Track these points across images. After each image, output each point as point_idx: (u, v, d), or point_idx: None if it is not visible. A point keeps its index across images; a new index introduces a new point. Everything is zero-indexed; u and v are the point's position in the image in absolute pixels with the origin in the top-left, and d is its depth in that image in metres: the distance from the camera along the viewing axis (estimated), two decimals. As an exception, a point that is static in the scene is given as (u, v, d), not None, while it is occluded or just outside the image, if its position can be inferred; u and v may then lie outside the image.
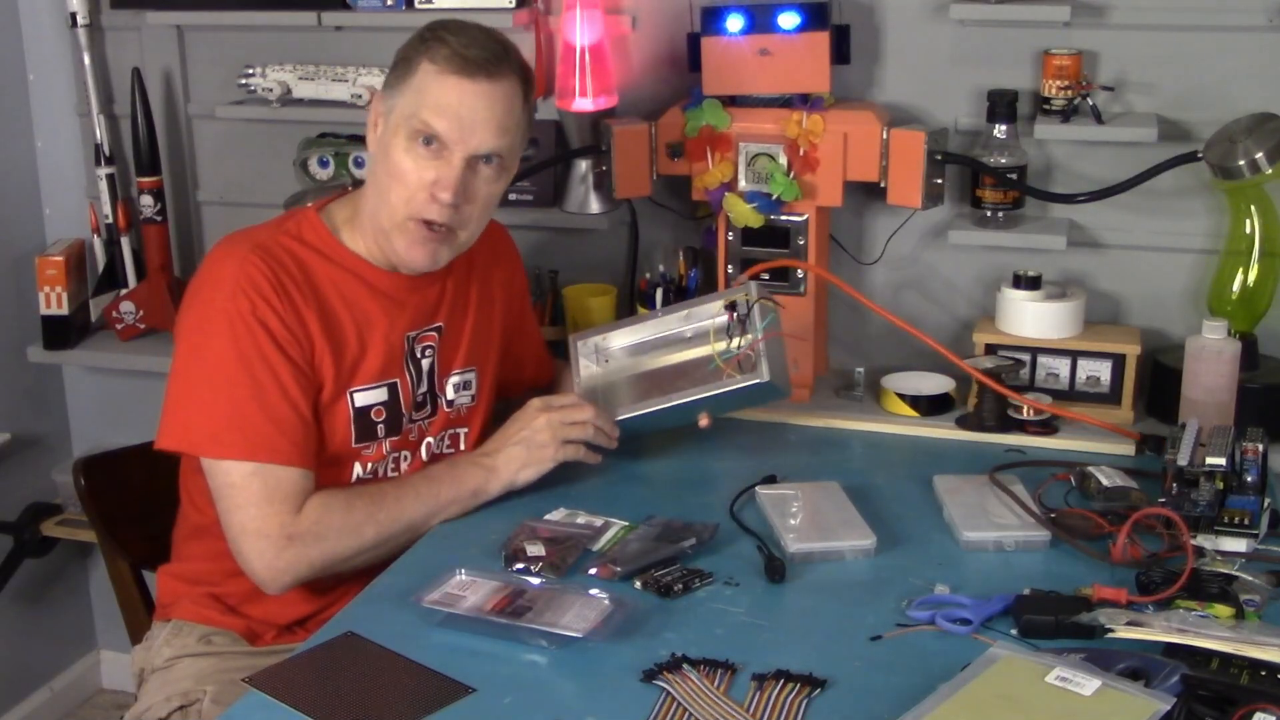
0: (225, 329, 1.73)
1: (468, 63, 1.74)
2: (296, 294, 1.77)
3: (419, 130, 1.75)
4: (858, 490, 1.90)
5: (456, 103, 1.74)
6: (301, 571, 1.76)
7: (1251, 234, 2.13)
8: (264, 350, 1.74)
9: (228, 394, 1.73)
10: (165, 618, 1.93)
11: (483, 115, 1.75)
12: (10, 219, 2.83)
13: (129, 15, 2.67)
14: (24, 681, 3.00)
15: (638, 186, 2.31)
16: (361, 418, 1.84)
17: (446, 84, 1.74)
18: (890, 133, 2.17)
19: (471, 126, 1.75)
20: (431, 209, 1.77)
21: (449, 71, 1.74)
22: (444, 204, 1.77)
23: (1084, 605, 1.54)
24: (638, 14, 2.38)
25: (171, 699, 1.82)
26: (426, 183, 1.76)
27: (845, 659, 1.50)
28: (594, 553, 1.75)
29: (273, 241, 1.80)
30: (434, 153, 1.75)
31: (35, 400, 2.93)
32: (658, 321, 2.07)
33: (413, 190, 1.77)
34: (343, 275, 1.83)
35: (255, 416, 1.73)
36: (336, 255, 1.84)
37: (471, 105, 1.75)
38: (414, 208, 1.77)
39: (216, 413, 1.74)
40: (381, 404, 1.86)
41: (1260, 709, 1.31)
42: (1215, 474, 1.74)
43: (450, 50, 1.74)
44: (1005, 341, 2.17)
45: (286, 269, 1.78)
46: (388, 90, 1.81)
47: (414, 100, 1.75)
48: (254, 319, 1.73)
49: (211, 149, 2.74)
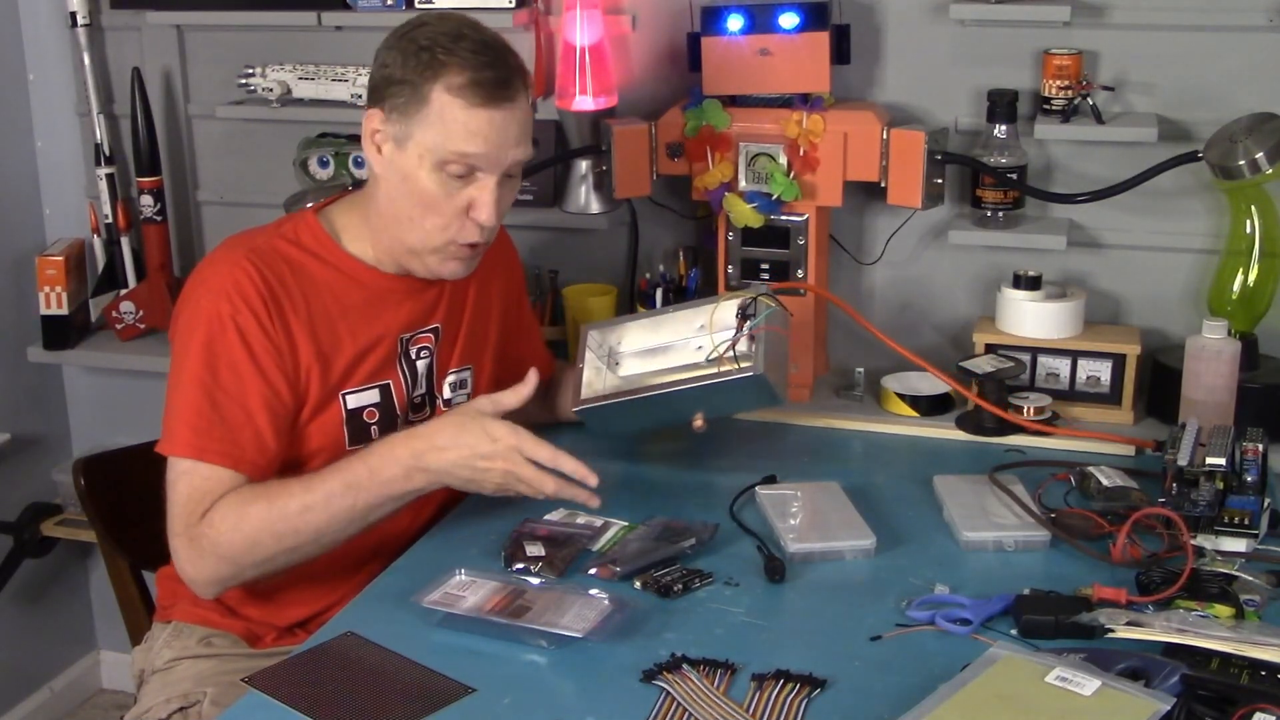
0: (203, 331, 1.73)
1: (488, 88, 1.71)
2: (286, 302, 1.76)
3: (450, 161, 1.73)
4: (858, 490, 1.90)
5: (488, 129, 1.72)
6: (221, 573, 1.71)
7: (1251, 234, 2.13)
8: (233, 354, 1.72)
9: (187, 393, 1.72)
10: (165, 619, 1.93)
11: (514, 135, 1.74)
12: (10, 219, 2.84)
13: (129, 15, 2.67)
14: (24, 681, 3.00)
15: (638, 186, 2.31)
16: (354, 419, 1.83)
17: (475, 116, 1.71)
18: (890, 133, 2.17)
19: (503, 149, 1.74)
20: (471, 232, 1.77)
21: (474, 104, 1.70)
22: (486, 226, 1.77)
23: (1084, 605, 1.54)
24: (638, 14, 2.38)
25: (171, 700, 1.82)
26: (460, 209, 1.75)
27: (845, 659, 1.50)
28: (594, 553, 1.75)
29: (268, 246, 1.79)
30: (466, 179, 1.75)
31: (35, 400, 2.93)
32: (673, 324, 2.04)
33: (449, 218, 1.76)
34: (339, 278, 1.82)
35: (206, 414, 1.71)
36: (334, 258, 1.83)
37: (502, 129, 1.73)
38: (451, 233, 1.77)
39: (175, 411, 1.73)
40: (374, 405, 1.85)
41: (1260, 709, 1.31)
42: (1215, 474, 1.74)
43: (466, 78, 1.70)
44: (1005, 341, 2.17)
45: (279, 274, 1.77)
46: (395, 115, 1.74)
47: (439, 133, 1.71)
48: (231, 322, 1.72)
49: (211, 149, 2.74)
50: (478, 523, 1.85)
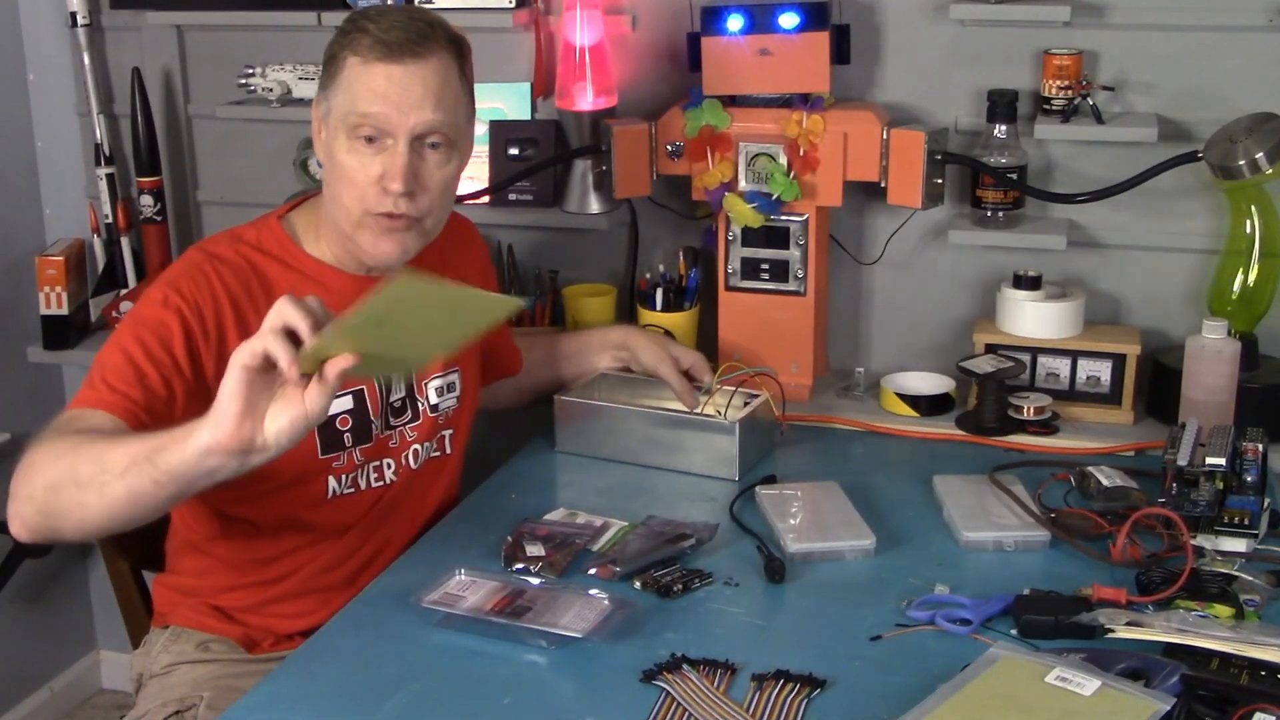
0: (142, 309, 1.69)
1: (391, 47, 1.68)
2: (250, 310, 1.71)
3: (356, 125, 1.70)
4: (858, 490, 1.90)
5: (385, 87, 1.68)
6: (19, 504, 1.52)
7: (1251, 234, 2.13)
8: (167, 331, 1.66)
9: (103, 358, 1.67)
10: (163, 624, 1.92)
11: (416, 94, 1.69)
12: (10, 219, 2.83)
13: (129, 15, 2.67)
14: (24, 681, 3.00)
15: (638, 186, 2.31)
16: (326, 428, 1.78)
17: (374, 72, 1.68)
18: (890, 133, 2.17)
19: (405, 108, 1.69)
20: (385, 202, 1.72)
21: (374, 59, 1.68)
22: (396, 194, 1.71)
23: (1084, 605, 1.54)
24: (638, 14, 2.38)
25: (168, 704, 1.81)
26: (374, 178, 1.71)
27: (845, 659, 1.50)
28: (593, 553, 1.75)
29: (233, 252, 1.76)
30: (377, 147, 1.71)
31: (35, 400, 2.92)
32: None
33: (362, 188, 1.72)
34: (302, 282, 1.77)
35: (109, 375, 1.63)
36: (297, 262, 1.79)
37: (403, 87, 1.69)
38: (367, 204, 1.72)
39: (87, 376, 1.67)
40: (346, 412, 1.80)
41: (1260, 709, 1.31)
42: (1215, 474, 1.74)
43: (371, 39, 1.69)
44: (1005, 341, 2.17)
45: (244, 280, 1.73)
46: (322, 92, 1.75)
47: (346, 97, 1.71)
48: (175, 309, 1.67)
49: (211, 149, 2.74)
50: (478, 523, 1.85)
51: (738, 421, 1.97)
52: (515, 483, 2.00)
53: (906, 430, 2.15)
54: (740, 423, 1.97)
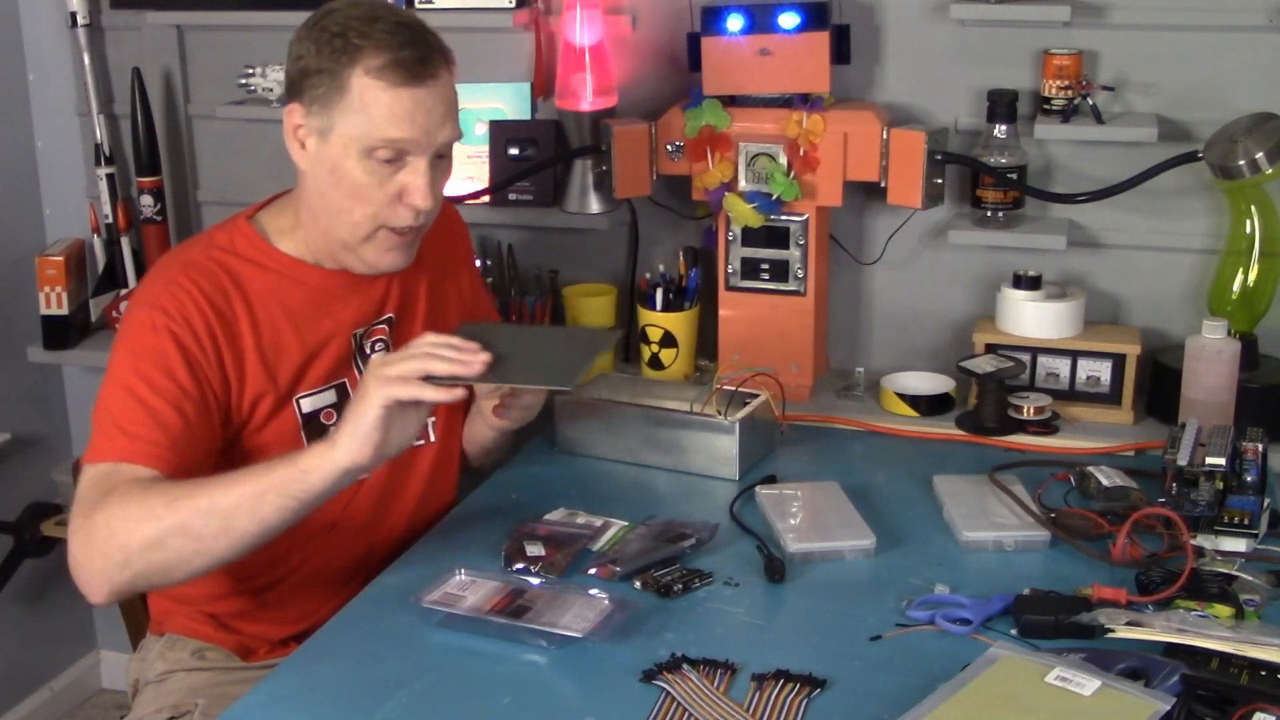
0: (133, 340, 1.67)
1: (409, 67, 1.65)
2: (229, 313, 1.70)
3: (377, 148, 1.67)
4: (858, 490, 1.90)
5: (413, 110, 1.66)
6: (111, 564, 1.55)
7: (1251, 234, 2.13)
8: (167, 359, 1.65)
9: (109, 402, 1.65)
10: (159, 631, 1.91)
11: (440, 114, 1.68)
12: (10, 219, 2.84)
13: (129, 15, 2.67)
14: (24, 681, 3.00)
15: (638, 186, 2.31)
16: (310, 423, 1.77)
17: (399, 96, 1.64)
18: (890, 133, 2.17)
19: (431, 130, 1.68)
20: (406, 216, 1.71)
21: (395, 84, 1.64)
22: (421, 210, 1.71)
23: (1084, 605, 1.54)
24: (638, 14, 2.38)
25: (162, 711, 1.81)
26: (392, 195, 1.70)
27: (845, 659, 1.50)
28: (594, 553, 1.75)
29: (205, 257, 1.74)
30: (395, 165, 1.69)
31: (35, 400, 2.93)
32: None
33: (379, 206, 1.70)
34: (279, 281, 1.76)
35: (121, 419, 1.63)
36: (272, 261, 1.77)
37: (428, 109, 1.67)
38: (383, 219, 1.71)
39: (98, 421, 1.66)
40: (331, 406, 1.79)
41: (1260, 709, 1.31)
42: (1215, 474, 1.74)
43: (384, 59, 1.64)
44: (1005, 341, 2.17)
45: (219, 286, 1.71)
46: (316, 107, 1.68)
47: (363, 119, 1.65)
48: (167, 331, 1.66)
49: (211, 149, 2.74)
50: (478, 523, 1.85)
51: (738, 421, 1.97)
52: (515, 483, 2.00)
53: (906, 430, 2.15)
54: (740, 423, 1.97)
